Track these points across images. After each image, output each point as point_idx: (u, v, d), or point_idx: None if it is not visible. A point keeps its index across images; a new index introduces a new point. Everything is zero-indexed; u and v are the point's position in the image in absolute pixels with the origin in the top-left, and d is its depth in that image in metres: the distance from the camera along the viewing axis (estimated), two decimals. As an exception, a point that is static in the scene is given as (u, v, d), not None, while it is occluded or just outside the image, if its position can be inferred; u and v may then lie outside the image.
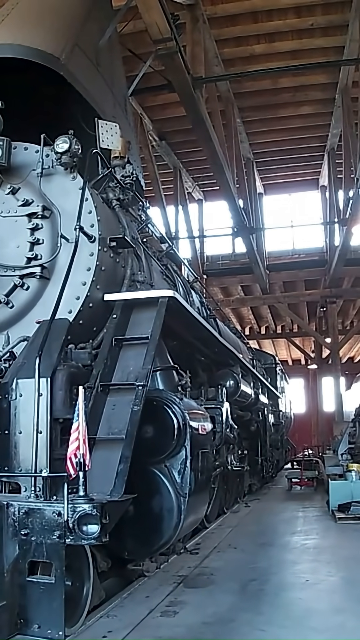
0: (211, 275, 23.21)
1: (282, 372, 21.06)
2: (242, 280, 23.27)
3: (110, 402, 4.99)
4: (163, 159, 19.32)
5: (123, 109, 8.06)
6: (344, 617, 5.07)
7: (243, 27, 13.64)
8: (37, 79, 6.60)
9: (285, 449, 21.60)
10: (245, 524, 10.28)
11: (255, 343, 29.62)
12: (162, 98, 15.38)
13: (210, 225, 24.50)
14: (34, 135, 5.88)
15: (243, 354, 13.59)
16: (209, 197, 23.69)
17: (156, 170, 17.86)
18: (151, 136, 17.47)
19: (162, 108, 16.47)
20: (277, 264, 23.02)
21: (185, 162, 20.42)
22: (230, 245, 24.21)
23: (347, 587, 6.12)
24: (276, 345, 32.79)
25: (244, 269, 22.20)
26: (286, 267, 22.95)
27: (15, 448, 4.45)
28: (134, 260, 6.31)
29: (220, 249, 24.57)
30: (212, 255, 24.39)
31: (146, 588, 5.94)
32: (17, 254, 5.50)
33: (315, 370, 29.89)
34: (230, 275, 23.32)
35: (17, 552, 3.92)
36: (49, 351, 4.56)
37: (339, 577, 6.49)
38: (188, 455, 5.20)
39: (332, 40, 13.91)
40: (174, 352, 6.75)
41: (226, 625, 4.98)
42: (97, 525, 3.76)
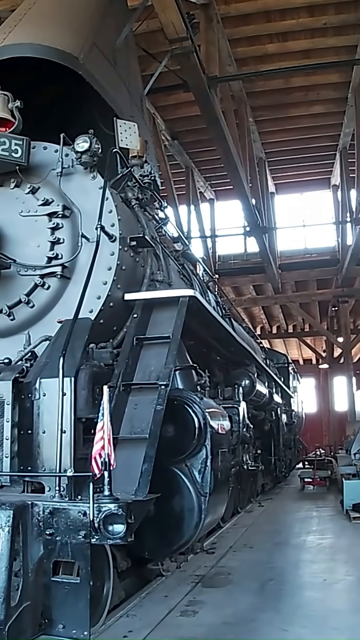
0: (223, 275, 23.15)
1: (294, 371, 21.03)
2: (254, 279, 23.22)
3: (132, 401, 4.99)
4: (175, 159, 19.30)
5: (139, 108, 8.07)
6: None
7: (256, 27, 13.59)
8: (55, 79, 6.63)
9: (297, 449, 21.56)
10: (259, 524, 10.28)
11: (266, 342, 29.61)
12: (175, 98, 15.39)
13: (222, 224, 24.47)
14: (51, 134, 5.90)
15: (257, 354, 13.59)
16: (221, 197, 23.65)
17: (169, 170, 17.83)
18: (164, 136, 17.45)
19: (174, 108, 16.45)
20: (289, 263, 22.94)
21: (197, 162, 20.39)
22: (242, 244, 24.17)
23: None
24: (287, 344, 32.69)
25: (255, 269, 22.16)
26: (298, 267, 22.86)
27: (38, 448, 4.44)
28: (153, 260, 6.31)
29: (232, 249, 24.52)
30: (224, 255, 24.34)
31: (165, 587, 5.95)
32: (38, 253, 5.51)
33: (326, 370, 29.78)
34: (242, 274, 23.26)
35: (42, 552, 3.91)
36: (72, 351, 4.56)
37: (357, 577, 6.49)
38: (208, 454, 5.20)
39: (345, 39, 13.84)
40: (191, 351, 6.74)
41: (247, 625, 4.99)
42: (122, 525, 3.75)
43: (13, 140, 5.51)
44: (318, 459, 17.56)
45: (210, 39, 11.65)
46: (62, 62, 6.09)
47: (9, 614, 3.59)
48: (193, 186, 20.41)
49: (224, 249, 24.59)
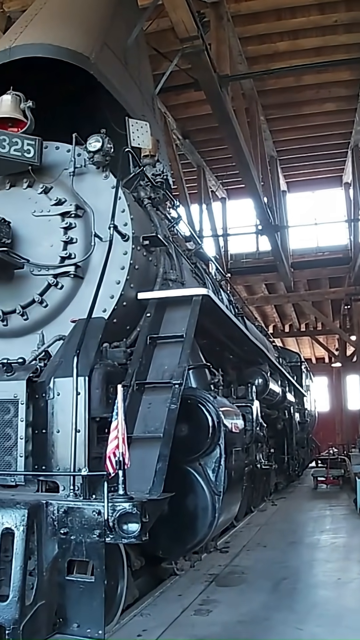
0: (235, 274, 23.10)
1: (307, 370, 20.97)
2: (266, 278, 23.15)
3: (145, 400, 4.99)
4: (186, 158, 19.28)
5: (151, 107, 8.06)
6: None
7: (267, 25, 13.52)
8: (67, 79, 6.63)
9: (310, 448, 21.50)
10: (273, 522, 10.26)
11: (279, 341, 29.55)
12: (185, 97, 15.34)
13: (234, 223, 24.44)
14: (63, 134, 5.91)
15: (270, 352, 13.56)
16: (232, 196, 23.61)
17: (180, 169, 17.81)
18: (175, 135, 17.43)
19: (185, 107, 16.40)
20: (301, 261, 22.85)
21: (208, 161, 20.34)
22: (254, 243, 24.12)
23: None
24: (300, 343, 32.61)
25: (268, 267, 22.09)
26: (310, 265, 22.78)
27: (53, 447, 4.47)
28: (166, 259, 6.31)
29: (244, 248, 24.48)
30: (236, 254, 24.31)
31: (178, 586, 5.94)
32: (51, 253, 5.51)
33: (339, 369, 29.67)
34: (254, 273, 23.21)
35: (57, 551, 3.92)
36: (86, 350, 4.57)
37: (372, 575, 6.46)
38: (222, 453, 5.20)
39: (356, 36, 13.71)
40: (204, 350, 6.74)
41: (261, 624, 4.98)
42: (137, 524, 3.75)
43: (25, 140, 5.52)
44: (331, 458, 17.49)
45: (221, 38, 11.61)
46: (74, 62, 6.09)
47: (24, 612, 3.60)
48: (204, 185, 20.38)
49: (236, 248, 24.56)
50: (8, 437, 4.60)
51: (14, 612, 3.57)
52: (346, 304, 23.62)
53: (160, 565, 5.74)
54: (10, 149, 5.43)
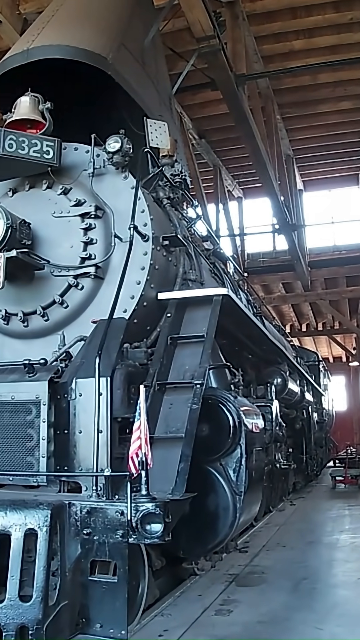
0: (252, 273, 23.04)
1: (324, 369, 20.87)
2: (283, 277, 23.06)
3: (167, 400, 4.99)
4: (203, 158, 19.26)
5: (168, 107, 8.06)
6: None
7: (282, 24, 13.43)
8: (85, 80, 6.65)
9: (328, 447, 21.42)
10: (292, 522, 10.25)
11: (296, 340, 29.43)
12: (201, 96, 15.31)
13: (250, 222, 24.39)
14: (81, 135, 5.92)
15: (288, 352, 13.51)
16: (249, 195, 23.57)
17: (197, 169, 17.79)
18: (191, 135, 17.41)
19: (201, 106, 16.38)
20: (318, 260, 22.75)
21: (224, 160, 20.30)
22: (271, 242, 24.07)
23: None
24: (317, 342, 32.47)
25: (284, 266, 22.01)
26: (327, 264, 22.64)
27: (75, 447, 4.46)
28: (185, 259, 6.31)
29: (261, 247, 24.44)
30: (253, 253, 24.27)
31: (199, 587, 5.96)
32: (71, 254, 5.52)
33: (357, 367, 29.51)
34: (271, 272, 23.14)
35: (79, 552, 3.91)
36: (108, 351, 4.56)
37: (391, 575, 6.44)
38: (243, 453, 5.19)
39: (372, 34, 13.67)
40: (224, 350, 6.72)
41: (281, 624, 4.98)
42: (160, 524, 3.74)
43: (44, 141, 5.52)
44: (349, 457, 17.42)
45: (236, 37, 11.58)
46: (91, 62, 6.09)
47: (47, 613, 3.60)
48: (221, 185, 20.34)
49: (253, 247, 24.54)
50: (30, 438, 4.60)
51: (37, 613, 3.57)
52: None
53: (180, 565, 5.74)
54: (29, 150, 5.43)
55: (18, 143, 5.40)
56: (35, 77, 6.12)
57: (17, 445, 4.66)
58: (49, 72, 6.31)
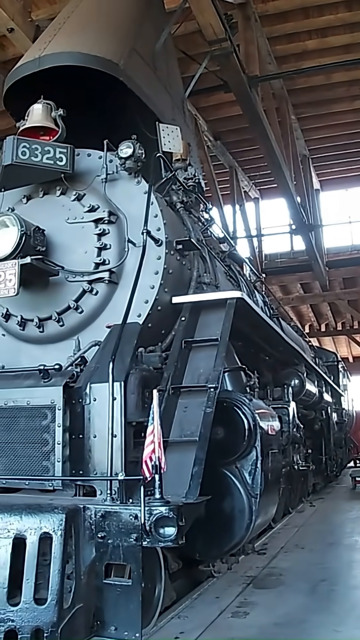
0: (270, 274, 23.03)
1: (344, 369, 20.72)
2: (301, 277, 23.02)
3: (181, 404, 5.01)
4: (218, 159, 19.28)
5: (181, 111, 8.08)
6: None
7: (295, 24, 13.45)
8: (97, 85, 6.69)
9: (348, 448, 21.27)
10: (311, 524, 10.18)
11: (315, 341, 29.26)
12: (216, 98, 15.32)
13: (268, 223, 24.35)
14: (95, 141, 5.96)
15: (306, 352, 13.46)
16: (266, 196, 23.53)
17: (212, 171, 17.82)
18: (206, 137, 17.44)
19: (215, 108, 16.41)
20: (336, 260, 22.66)
21: (240, 162, 20.31)
22: (288, 243, 24.00)
23: None
24: (336, 342, 32.22)
25: (302, 267, 21.96)
26: (345, 264, 22.53)
27: (90, 452, 4.51)
28: (200, 262, 6.32)
29: (279, 247, 24.40)
30: (271, 254, 24.24)
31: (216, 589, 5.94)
32: (85, 259, 5.57)
33: (377, 367, 29.28)
34: (289, 273, 23.10)
35: (94, 555, 3.96)
36: (122, 355, 4.60)
37: None
38: (259, 455, 5.19)
39: (385, 33, 13.62)
40: (239, 352, 6.73)
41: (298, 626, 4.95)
42: (174, 527, 3.77)
43: (57, 148, 5.58)
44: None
45: (249, 38, 11.60)
46: (103, 69, 6.14)
47: (62, 615, 3.65)
48: (237, 186, 20.34)
49: (270, 248, 24.49)
50: (45, 443, 4.65)
51: (52, 615, 3.62)
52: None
53: (197, 568, 5.75)
54: (42, 157, 5.50)
55: (31, 150, 5.47)
56: (48, 84, 6.18)
57: (33, 449, 4.71)
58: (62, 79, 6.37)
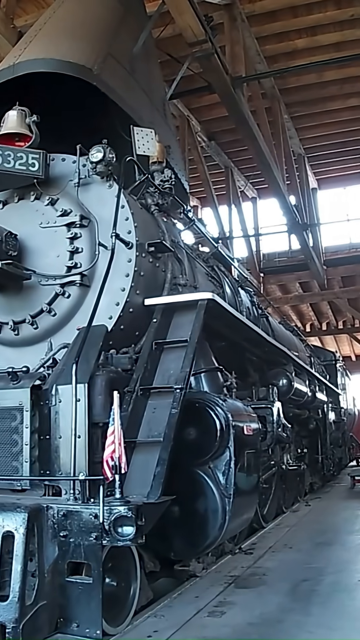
0: (268, 273, 23.07)
1: (343, 368, 20.68)
2: (300, 277, 23.03)
3: (150, 405, 5.06)
4: (213, 159, 19.32)
5: (162, 114, 8.12)
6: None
7: (283, 23, 13.48)
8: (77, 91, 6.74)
9: (348, 447, 21.22)
10: (304, 523, 10.15)
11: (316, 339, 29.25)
12: (208, 99, 15.36)
13: (266, 222, 24.35)
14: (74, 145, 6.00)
15: (299, 352, 13.45)
16: (263, 195, 23.54)
17: (206, 171, 17.87)
18: (200, 137, 17.49)
19: (208, 109, 16.45)
20: (335, 259, 22.66)
21: (236, 161, 20.33)
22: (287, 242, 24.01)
23: None
24: (338, 341, 32.21)
25: (300, 266, 21.93)
26: (344, 262, 22.53)
27: (55, 452, 4.58)
28: (174, 264, 6.36)
29: (277, 246, 24.41)
30: (269, 253, 24.25)
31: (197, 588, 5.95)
32: (58, 263, 5.64)
33: (379, 366, 29.26)
34: (288, 272, 23.12)
35: (57, 553, 4.05)
36: (87, 357, 4.66)
37: (393, 577, 6.36)
38: (232, 456, 5.22)
39: (375, 30, 13.63)
40: (223, 353, 6.76)
41: (273, 626, 4.93)
42: (132, 527, 3.84)
43: (30, 154, 5.65)
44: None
45: (235, 39, 11.64)
46: (76, 74, 6.19)
47: (24, 612, 3.72)
48: (233, 186, 20.37)
49: (268, 247, 24.51)
50: (15, 443, 4.74)
51: (13, 612, 3.69)
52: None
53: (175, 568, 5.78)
54: (15, 163, 5.58)
55: (4, 157, 5.56)
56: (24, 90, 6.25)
57: (3, 450, 4.80)
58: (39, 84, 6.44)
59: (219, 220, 18.76)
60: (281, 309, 24.68)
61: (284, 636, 4.73)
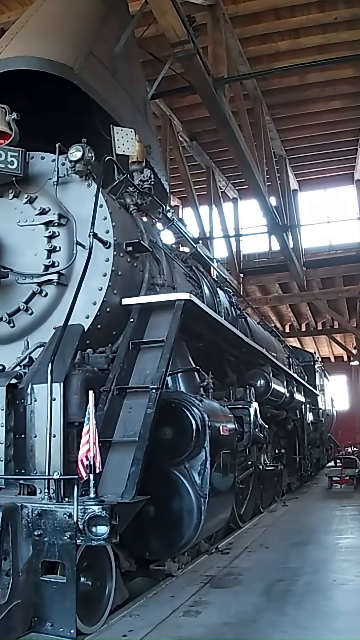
0: (248, 274, 23.15)
1: (321, 369, 20.82)
2: (280, 277, 23.14)
3: (126, 405, 5.06)
4: (195, 160, 19.34)
5: (143, 113, 8.12)
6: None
7: (266, 25, 13.53)
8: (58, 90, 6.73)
9: (326, 447, 21.36)
10: (280, 523, 10.20)
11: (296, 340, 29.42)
12: (190, 99, 15.36)
13: (247, 223, 24.41)
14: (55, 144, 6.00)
15: (278, 353, 13.50)
16: (245, 196, 23.61)
17: (187, 171, 17.87)
18: (181, 137, 17.49)
19: (190, 109, 16.46)
20: (314, 260, 22.80)
21: (217, 162, 20.38)
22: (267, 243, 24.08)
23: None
24: (317, 342, 32.44)
25: (280, 267, 22.02)
26: (323, 264, 22.70)
27: (31, 451, 4.57)
28: (152, 264, 6.36)
29: (257, 247, 24.47)
30: (249, 254, 24.33)
31: (173, 588, 5.96)
32: (35, 261, 5.63)
33: (358, 367, 29.46)
34: (267, 273, 23.21)
35: (31, 552, 4.04)
36: (62, 356, 4.66)
37: (368, 578, 6.41)
38: (208, 456, 5.24)
39: (357, 33, 13.63)
40: (201, 353, 6.77)
41: (247, 626, 4.96)
42: (106, 526, 3.84)
43: (9, 152, 5.64)
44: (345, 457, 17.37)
45: (217, 40, 11.66)
46: (56, 72, 6.20)
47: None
48: (214, 186, 20.40)
49: (249, 248, 24.57)
50: (-10, 442, 4.72)
51: (-14, 611, 3.68)
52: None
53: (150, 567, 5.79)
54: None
55: (-18, 154, 5.52)
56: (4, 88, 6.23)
57: (-22, 449, 4.77)
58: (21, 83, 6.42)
59: (199, 221, 18.77)
60: (261, 310, 24.77)
61: (258, 636, 4.75)
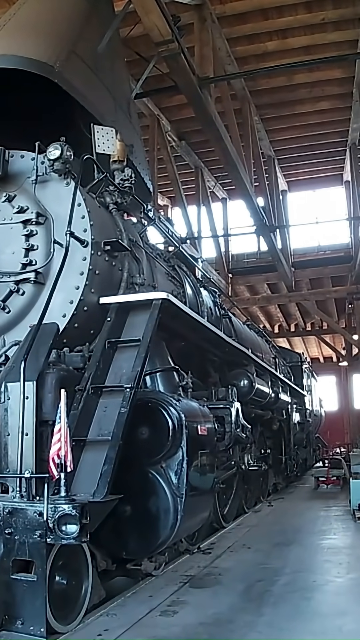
0: (237, 274, 23.17)
1: (308, 370, 20.84)
2: (268, 278, 23.18)
3: (102, 404, 5.04)
4: (183, 159, 19.33)
5: (126, 113, 8.11)
6: (344, 620, 4.98)
7: (254, 25, 13.58)
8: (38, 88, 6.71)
9: (313, 448, 21.38)
10: (264, 524, 10.20)
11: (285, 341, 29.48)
12: (179, 98, 15.31)
13: (236, 223, 24.44)
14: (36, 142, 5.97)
15: (264, 353, 13.49)
16: (234, 196, 23.61)
17: (175, 171, 17.86)
18: (170, 137, 17.49)
19: (179, 108, 16.47)
20: (303, 261, 22.85)
21: (206, 162, 20.38)
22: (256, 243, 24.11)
23: (354, 588, 6.02)
24: (307, 342, 32.50)
25: (269, 267, 22.08)
26: (312, 264, 22.77)
27: (4, 450, 4.55)
28: (131, 263, 6.35)
29: (246, 248, 24.51)
30: (238, 254, 24.36)
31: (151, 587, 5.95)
32: (13, 260, 5.61)
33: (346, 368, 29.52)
34: (256, 273, 23.24)
35: (2, 551, 4.03)
36: (36, 355, 4.65)
37: (347, 579, 6.38)
38: (185, 456, 5.23)
39: (345, 34, 13.76)
40: (183, 353, 6.75)
41: (223, 626, 4.95)
42: (76, 525, 3.83)
43: (-13, 151, 5.63)
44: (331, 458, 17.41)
45: (204, 40, 11.67)
46: (37, 71, 6.18)
47: (-32, 610, 3.70)
48: (203, 186, 20.40)
49: (237, 248, 24.61)
50: (-36, 441, 4.69)
51: None
52: (350, 303, 23.52)
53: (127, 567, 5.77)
54: (-28, 159, 5.54)
55: None
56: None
57: None
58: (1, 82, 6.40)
59: (187, 220, 18.76)
60: (249, 310, 24.81)
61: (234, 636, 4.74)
